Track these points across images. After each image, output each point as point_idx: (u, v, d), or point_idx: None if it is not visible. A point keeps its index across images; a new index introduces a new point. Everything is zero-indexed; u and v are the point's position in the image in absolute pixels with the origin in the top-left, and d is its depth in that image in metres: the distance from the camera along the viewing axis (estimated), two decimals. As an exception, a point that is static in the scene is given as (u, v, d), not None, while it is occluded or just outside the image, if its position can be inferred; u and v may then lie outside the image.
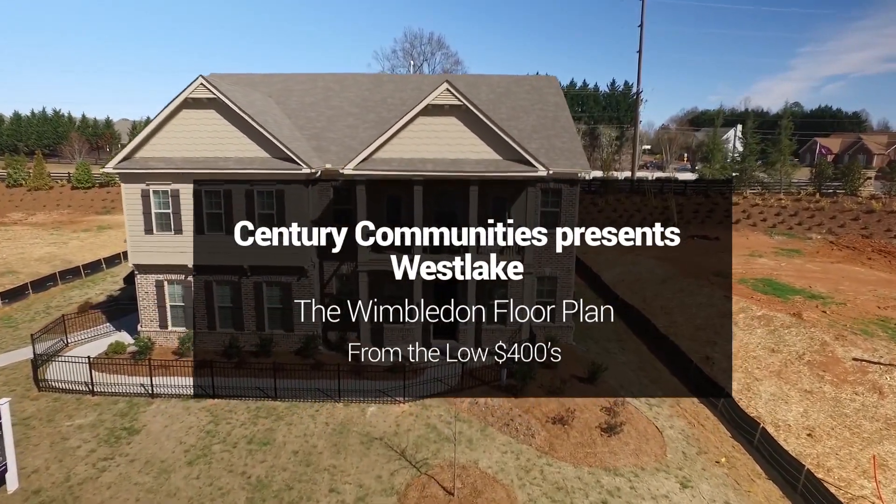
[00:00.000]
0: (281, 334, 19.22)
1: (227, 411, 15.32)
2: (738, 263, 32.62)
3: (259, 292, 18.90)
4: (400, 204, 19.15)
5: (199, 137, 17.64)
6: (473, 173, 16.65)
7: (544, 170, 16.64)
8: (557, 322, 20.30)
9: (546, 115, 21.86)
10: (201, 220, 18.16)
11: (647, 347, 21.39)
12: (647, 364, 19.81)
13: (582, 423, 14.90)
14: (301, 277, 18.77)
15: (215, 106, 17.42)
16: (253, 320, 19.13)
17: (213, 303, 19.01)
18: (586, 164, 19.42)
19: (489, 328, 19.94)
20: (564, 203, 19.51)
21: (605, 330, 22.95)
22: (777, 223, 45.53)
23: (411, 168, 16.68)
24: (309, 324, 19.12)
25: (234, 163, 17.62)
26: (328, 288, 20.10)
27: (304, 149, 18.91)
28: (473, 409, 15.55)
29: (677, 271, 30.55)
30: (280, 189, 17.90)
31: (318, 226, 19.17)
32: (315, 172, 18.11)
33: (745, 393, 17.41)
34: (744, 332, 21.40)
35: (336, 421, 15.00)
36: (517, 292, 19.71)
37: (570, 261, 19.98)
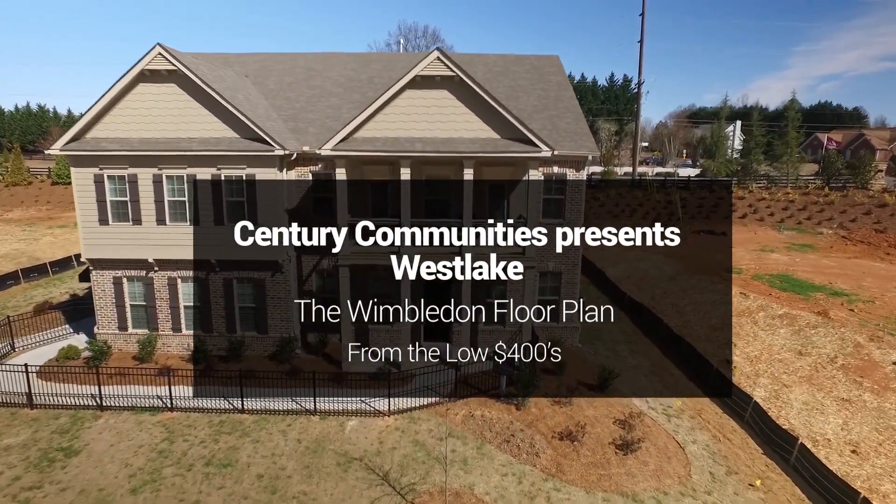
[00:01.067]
0: (254, 337, 17.22)
1: (185, 426, 13.32)
2: (750, 259, 30.79)
3: (229, 290, 16.91)
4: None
5: (158, 115, 15.62)
6: (468, 153, 14.71)
7: (548, 149, 14.71)
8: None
9: (548, 95, 19.92)
10: (163, 209, 16.13)
11: (659, 349, 19.48)
12: (660, 368, 17.90)
13: (594, 438, 12.98)
14: (276, 273, 16.78)
15: (176, 79, 15.40)
16: (222, 321, 17.13)
17: (178, 302, 17.00)
18: (594, 146, 17.49)
19: (486, 329, 18.00)
20: (569, 190, 17.57)
21: (612, 331, 21.05)
22: (785, 218, 43.76)
23: (398, 148, 14.72)
24: (285, 325, 17.14)
25: (199, 144, 15.61)
26: (307, 285, 18.11)
27: (278, 129, 16.92)
28: (468, 423, 13.60)
29: (686, 268, 28.68)
30: (251, 174, 15.90)
31: (294, 216, 17.21)
32: (290, 155, 16.12)
33: (774, 401, 15.52)
34: (766, 333, 19.52)
35: (310, 437, 13.02)
36: (517, 289, 17.77)
37: (576, 255, 18.05)
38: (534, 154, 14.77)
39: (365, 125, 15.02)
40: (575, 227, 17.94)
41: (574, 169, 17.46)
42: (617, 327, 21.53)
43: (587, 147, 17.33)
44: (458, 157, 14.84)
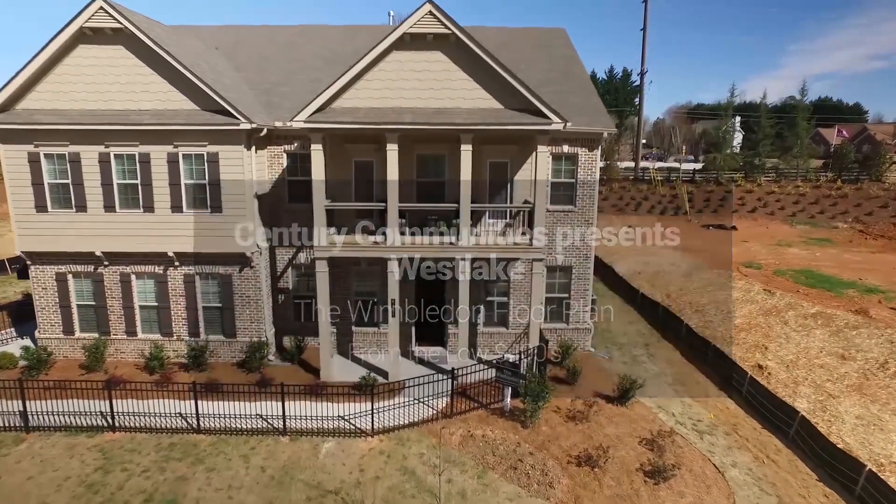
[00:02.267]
0: (220, 341, 14.99)
1: (128, 451, 11.08)
2: (767, 254, 28.73)
3: (191, 287, 14.66)
4: (371, 173, 14.96)
5: (104, 83, 13.35)
6: (466, 125, 12.51)
7: (560, 121, 12.53)
8: (572, 323, 16.24)
9: (555, 69, 17.74)
10: (111, 194, 13.87)
11: (680, 354, 17.36)
12: (684, 375, 15.77)
13: (618, 464, 10.82)
14: (244, 268, 14.55)
15: (124, 41, 13.13)
16: (183, 323, 14.88)
17: (132, 301, 14.75)
18: (610, 122, 15.33)
19: (486, 332, 15.83)
20: (581, 173, 15.41)
21: (627, 332, 18.92)
22: (797, 211, 41.78)
23: (383, 119, 12.50)
24: (255, 327, 14.92)
25: (152, 116, 13.35)
26: (282, 281, 15.88)
27: (247, 102, 14.67)
28: (468, 445, 11.41)
29: (701, 262, 26.61)
30: (213, 153, 13.65)
31: (265, 202, 15.00)
32: (259, 130, 13.88)
33: (821, 415, 13.41)
34: (799, 334, 17.42)
35: (277, 464, 10.80)
36: (522, 286, 15.60)
37: (588, 247, 15.89)
38: (544, 126, 12.59)
39: (344, 93, 12.80)
40: (587, 215, 15.86)
41: (587, 148, 15.30)
42: (633, 328, 19.42)
43: (602, 123, 15.17)
44: (454, 130, 12.65)
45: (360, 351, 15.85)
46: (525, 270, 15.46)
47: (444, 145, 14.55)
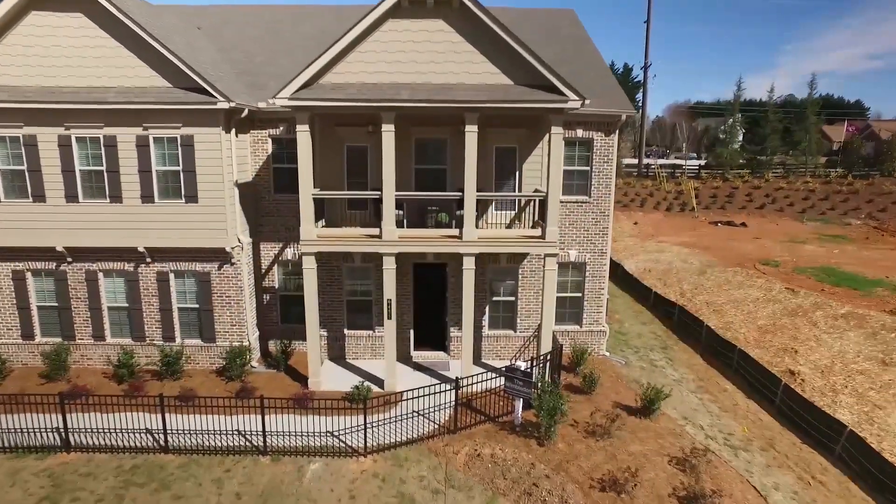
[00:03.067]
0: (197, 346, 13.52)
1: (82, 475, 9.61)
2: (782, 250, 27.42)
3: (165, 287, 13.19)
4: (365, 158, 13.53)
5: (62, 57, 11.87)
6: (472, 102, 11.07)
7: (577, 98, 11.11)
8: (586, 325, 14.83)
9: (566, 49, 16.31)
10: (73, 182, 12.39)
11: (701, 358, 15.98)
12: (708, 382, 14.39)
13: (648, 488, 9.40)
14: (224, 264, 13.08)
15: (84, 8, 11.65)
16: (157, 326, 13.41)
17: (100, 302, 13.27)
18: (628, 103, 13.93)
19: (492, 335, 14.41)
20: (597, 159, 14.01)
21: (642, 334, 17.52)
22: (807, 208, 40.52)
23: (378, 96, 11.05)
24: (237, 331, 13.46)
25: (118, 94, 11.87)
26: (267, 280, 14.43)
27: (227, 81, 13.21)
28: (475, 466, 9.97)
29: (714, 260, 25.28)
30: (188, 135, 12.18)
31: (248, 192, 13.54)
32: (239, 111, 12.42)
33: (867, 427, 12.03)
34: (831, 337, 16.05)
35: (255, 490, 9.36)
36: (531, 284, 14.17)
37: (603, 241, 14.49)
38: (559, 104, 11.16)
39: (334, 67, 11.34)
40: (603, 206, 14.46)
41: (603, 133, 13.90)
42: (647, 330, 18.02)
43: (620, 104, 13.76)
44: (458, 108, 11.21)
45: (352, 356, 14.41)
46: (535, 267, 14.05)
47: (445, 128, 13.13)
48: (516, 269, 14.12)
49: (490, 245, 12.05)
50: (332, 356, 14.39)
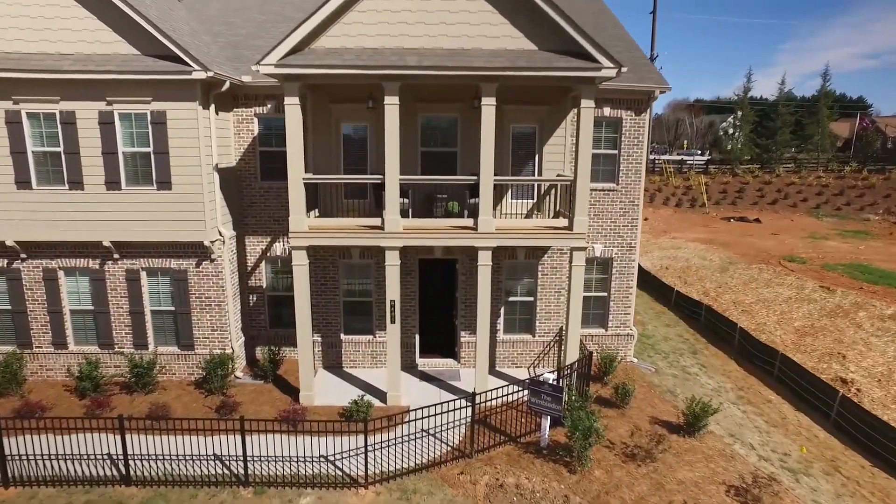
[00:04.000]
0: (173, 354, 11.86)
1: (24, 514, 7.95)
2: (804, 247, 25.93)
3: (135, 287, 11.52)
4: (364, 139, 11.90)
5: (6, 17, 10.17)
6: (489, 70, 9.45)
7: (612, 65, 9.51)
8: (612, 328, 13.25)
9: (585, 21, 14.63)
10: (25, 165, 10.70)
11: (736, 364, 14.43)
12: (749, 392, 12.83)
13: (708, 528, 7.81)
14: (202, 261, 11.43)
15: (36, -39, 9.98)
16: (127, 332, 11.75)
17: (60, 304, 11.59)
18: (662, 78, 12.34)
19: (507, 340, 12.79)
20: (626, 142, 12.43)
21: (668, 337, 15.95)
22: (821, 203, 39.09)
23: (380, 63, 9.42)
24: (218, 336, 11.80)
25: (75, 62, 10.20)
26: (253, 278, 12.78)
27: (209, 54, 11.54)
28: (497, 500, 8.35)
29: (736, 256, 23.75)
30: (159, 111, 10.52)
31: (230, 177, 11.89)
32: (219, 83, 10.76)
33: (944, 446, 10.46)
34: (881, 340, 14.51)
35: (233, 533, 7.71)
36: (551, 283, 12.57)
37: (632, 233, 12.91)
38: (591, 72, 9.55)
39: (328, 29, 9.70)
40: (632, 194, 12.88)
41: (633, 112, 12.32)
42: (673, 332, 16.45)
43: (653, 79, 12.17)
44: (473, 77, 9.59)
45: (350, 364, 12.78)
46: (557, 263, 12.45)
47: (456, 105, 11.52)
48: (535, 266, 12.51)
49: (509, 237, 10.43)
50: (327, 364, 12.76)
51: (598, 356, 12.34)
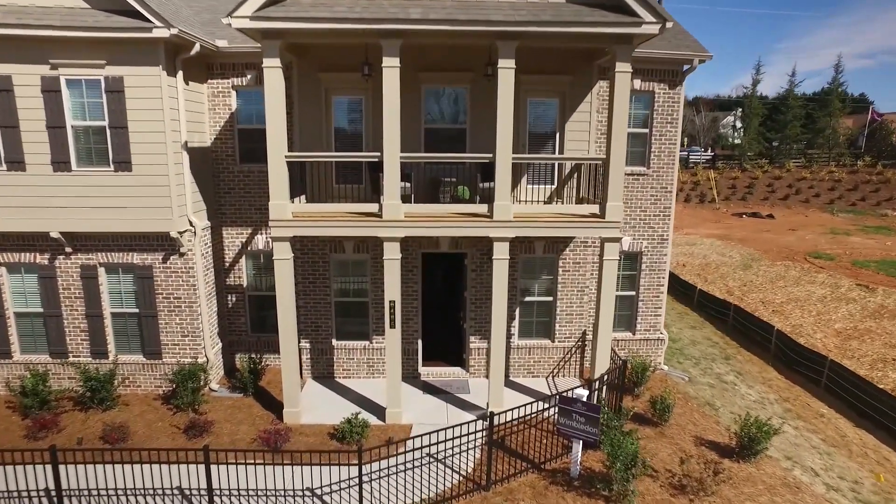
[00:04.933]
0: (138, 364, 10.22)
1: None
2: (827, 243, 24.47)
3: (92, 285, 9.87)
4: (359, 115, 10.28)
5: (-63, -34, 8.52)
6: (510, 25, 7.84)
7: (656, 20, 7.93)
8: (641, 332, 11.69)
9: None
10: (-42, 142, 9.04)
11: (776, 371, 12.92)
12: (796, 404, 11.31)
13: (791, 587, 6.24)
14: (170, 255, 9.79)
15: None
16: (84, 338, 10.10)
17: (2, 306, 9.93)
18: (700, 45, 10.76)
19: (523, 345, 11.19)
20: (658, 119, 10.86)
21: (696, 340, 14.42)
22: (834, 199, 37.73)
23: (378, 15, 7.80)
24: (190, 343, 10.16)
25: (6, 14, 8.53)
26: (232, 276, 11.15)
27: (174, 9, 9.87)
28: (524, 549, 6.75)
29: (757, 253, 22.26)
30: (115, 77, 8.87)
31: (203, 158, 10.26)
32: (186, 45, 9.11)
33: None
34: (936, 344, 13.02)
35: None
36: (573, 280, 10.99)
37: (665, 224, 11.36)
38: (630, 28, 7.97)
39: (316, -25, 8.08)
40: (665, 179, 11.33)
41: (666, 84, 10.75)
42: (700, 335, 14.92)
43: (689, 46, 10.60)
44: (488, 34, 8.00)
45: (343, 374, 11.16)
46: (580, 258, 10.87)
47: (465, 75, 9.92)
48: (555, 261, 10.93)
49: (530, 226, 8.84)
50: (316, 374, 11.14)
51: (629, 365, 10.77)
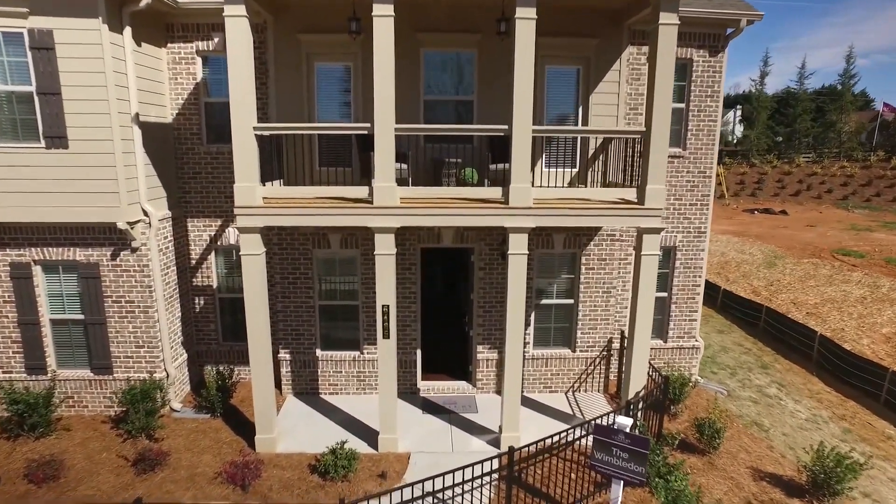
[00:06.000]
0: (83, 381, 8.59)
1: None
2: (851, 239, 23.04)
3: (24, 287, 8.24)
4: (346, 85, 8.69)
5: None
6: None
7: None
8: (673, 339, 10.14)
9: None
10: None
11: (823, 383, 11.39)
12: (855, 423, 9.77)
13: None
14: (120, 251, 8.16)
15: None
16: (16, 350, 8.46)
17: (-80, 313, 8.28)
18: (746, 3, 9.20)
19: (538, 356, 9.60)
20: (696, 92, 9.32)
21: (726, 346, 12.89)
22: (848, 194, 36.36)
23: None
24: (146, 354, 8.54)
25: (-84, -43, 6.91)
26: (199, 275, 9.53)
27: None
28: None
29: (779, 250, 20.78)
30: (43, 31, 7.25)
31: (162, 136, 8.64)
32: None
33: None
34: None
35: None
36: (598, 280, 9.43)
37: (703, 214, 9.81)
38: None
39: None
40: (703, 162, 9.79)
41: (706, 51, 9.20)
42: (729, 340, 13.40)
43: (733, 4, 9.05)
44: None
45: (329, 390, 9.55)
46: (605, 253, 9.30)
47: (472, 37, 8.34)
48: (576, 257, 9.36)
49: (553, 213, 7.26)
50: (298, 390, 9.53)
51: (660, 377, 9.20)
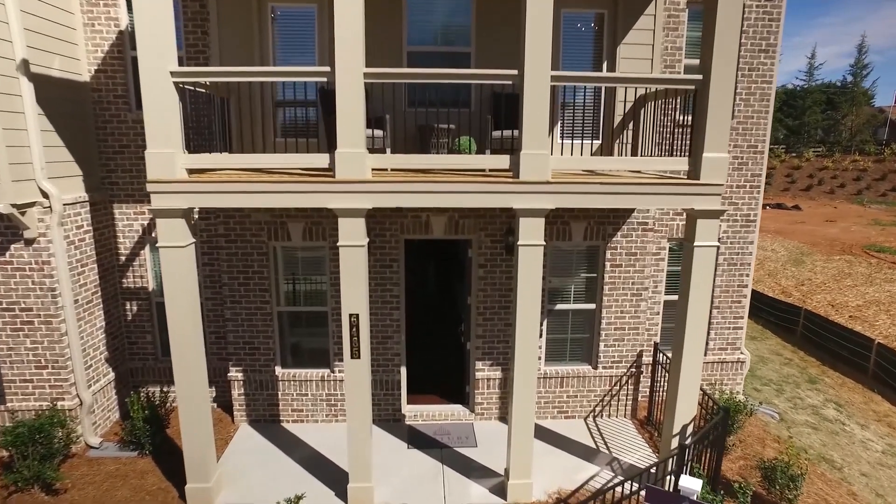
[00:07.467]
0: (-33, 411, 6.66)
1: None
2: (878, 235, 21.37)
3: None
4: (310, 35, 6.81)
5: None
6: None
7: None
8: (715, 351, 8.33)
9: None
10: None
11: (885, 400, 9.62)
12: (938, 452, 7.97)
13: None
14: (9, 243, 6.25)
15: None
16: None
17: None
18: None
19: (552, 373, 7.74)
20: (748, 44, 7.50)
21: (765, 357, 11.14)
22: (862, 189, 34.79)
23: None
24: (51, 378, 6.63)
25: None
26: (130, 274, 7.63)
27: None
28: None
29: (805, 246, 19.06)
30: None
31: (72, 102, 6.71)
32: None
33: None
34: None
35: None
36: (626, 279, 7.58)
37: (752, 199, 8.00)
38: None
39: None
40: (753, 138, 7.97)
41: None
42: (766, 348, 11.67)
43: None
44: None
45: (293, 417, 7.66)
46: (635, 246, 7.44)
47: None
48: (599, 251, 7.51)
49: (579, 190, 5.41)
50: (254, 417, 7.64)
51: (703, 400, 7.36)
